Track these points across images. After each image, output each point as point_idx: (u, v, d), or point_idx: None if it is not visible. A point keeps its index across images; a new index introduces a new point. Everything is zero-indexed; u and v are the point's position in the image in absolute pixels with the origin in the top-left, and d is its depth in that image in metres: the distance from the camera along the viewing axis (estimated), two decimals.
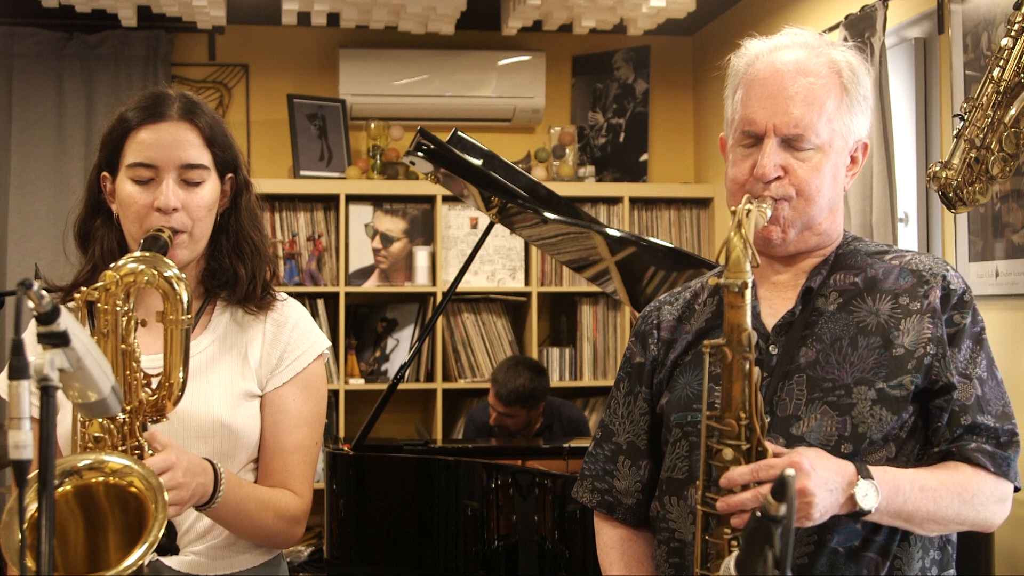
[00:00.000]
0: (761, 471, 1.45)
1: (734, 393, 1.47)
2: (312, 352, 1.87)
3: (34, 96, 5.21)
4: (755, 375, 1.47)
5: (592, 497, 1.83)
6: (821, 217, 1.65)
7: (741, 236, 1.47)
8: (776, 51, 1.67)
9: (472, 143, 3.28)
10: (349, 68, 5.33)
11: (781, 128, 1.61)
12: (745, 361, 1.46)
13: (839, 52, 1.67)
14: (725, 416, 1.48)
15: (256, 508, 1.77)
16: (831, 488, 1.46)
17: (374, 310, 5.39)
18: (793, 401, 1.61)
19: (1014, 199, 3.26)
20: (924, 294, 1.63)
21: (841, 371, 1.60)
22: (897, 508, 1.52)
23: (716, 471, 1.49)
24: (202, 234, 1.81)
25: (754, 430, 1.47)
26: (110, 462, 1.53)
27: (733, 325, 1.46)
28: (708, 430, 1.51)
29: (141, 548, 1.47)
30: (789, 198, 1.62)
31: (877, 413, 1.57)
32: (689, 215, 5.53)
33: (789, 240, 1.65)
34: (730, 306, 1.47)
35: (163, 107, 1.79)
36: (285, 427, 1.84)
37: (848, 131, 1.65)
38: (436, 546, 3.26)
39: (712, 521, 1.50)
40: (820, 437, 1.58)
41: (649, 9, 4.69)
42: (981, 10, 3.37)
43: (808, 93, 1.61)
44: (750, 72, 1.67)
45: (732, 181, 1.67)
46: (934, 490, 1.54)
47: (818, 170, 1.62)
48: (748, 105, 1.65)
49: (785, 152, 1.62)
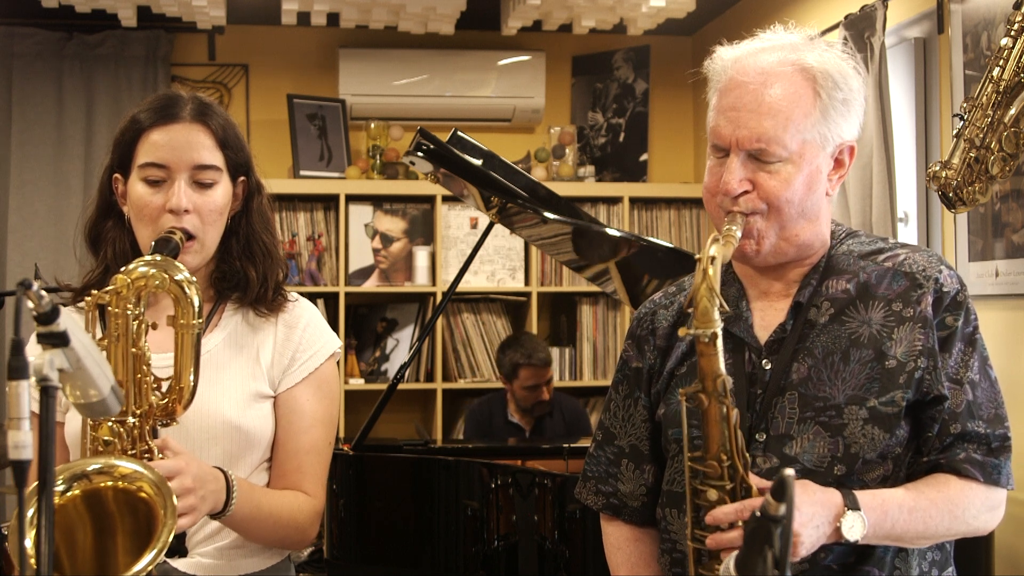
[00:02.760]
0: (746, 510, 1.45)
1: (713, 436, 1.47)
2: (324, 352, 1.87)
3: (34, 96, 5.21)
4: (733, 417, 1.47)
5: (597, 500, 1.82)
6: (796, 228, 1.61)
7: (707, 285, 1.45)
8: (743, 60, 1.61)
9: (472, 143, 3.28)
10: (349, 68, 5.33)
11: (743, 143, 1.57)
12: (723, 406, 1.46)
13: (815, 55, 1.60)
14: (707, 458, 1.48)
15: (269, 514, 1.77)
16: (817, 524, 1.47)
17: (374, 310, 5.39)
18: (785, 420, 1.60)
19: (1014, 199, 3.26)
20: (917, 299, 1.60)
21: (833, 388, 1.58)
22: (885, 532, 1.52)
23: (703, 509, 1.50)
24: (212, 239, 1.81)
25: (737, 470, 1.47)
26: (120, 466, 1.53)
27: (707, 372, 1.46)
28: (691, 471, 1.51)
29: (151, 553, 1.46)
30: (759, 211, 1.59)
31: (869, 432, 1.56)
32: (689, 215, 5.53)
33: (764, 252, 1.62)
34: (702, 355, 1.46)
35: (175, 108, 1.79)
36: (299, 427, 1.83)
37: (824, 138, 1.59)
38: (436, 546, 3.26)
39: (704, 555, 1.51)
40: (813, 459, 1.57)
41: (649, 9, 4.69)
42: (981, 10, 3.37)
43: (772, 105, 1.56)
44: (719, 82, 1.64)
45: (704, 190, 1.65)
46: (924, 510, 1.54)
47: (788, 182, 1.57)
48: (716, 117, 1.62)
49: (752, 165, 1.58)
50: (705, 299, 1.45)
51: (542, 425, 4.65)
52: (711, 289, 1.45)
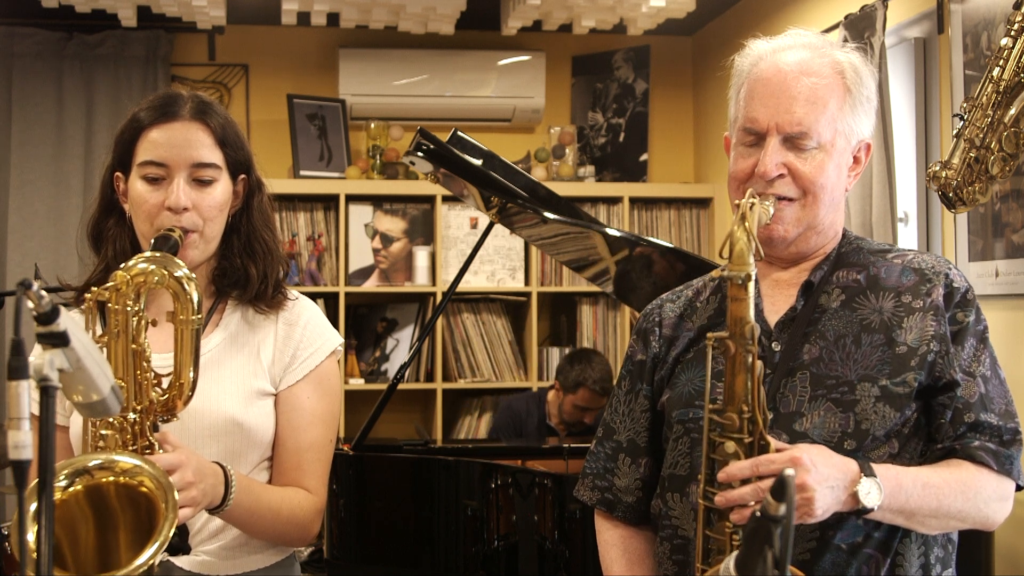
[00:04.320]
0: (761, 466, 1.44)
1: (737, 386, 1.47)
2: (325, 349, 1.88)
3: (34, 96, 5.21)
4: (758, 368, 1.47)
5: (592, 495, 1.83)
6: (824, 216, 1.66)
7: (745, 229, 1.47)
8: (780, 51, 1.67)
9: (472, 143, 3.28)
10: (349, 68, 5.33)
11: (783, 127, 1.62)
12: (748, 354, 1.46)
13: (843, 53, 1.68)
14: (727, 410, 1.48)
15: (269, 509, 1.77)
16: (832, 485, 1.46)
17: (374, 310, 5.39)
18: (796, 398, 1.61)
19: (1014, 199, 3.26)
20: (927, 292, 1.63)
21: (844, 368, 1.60)
22: (900, 505, 1.52)
23: (718, 465, 1.49)
24: (213, 234, 1.81)
25: (756, 423, 1.47)
26: (120, 461, 1.54)
27: (736, 318, 1.46)
28: (710, 423, 1.50)
29: (152, 547, 1.47)
30: (793, 197, 1.63)
31: (880, 410, 1.57)
32: (689, 215, 5.53)
33: (791, 238, 1.65)
34: (733, 299, 1.47)
35: (175, 107, 1.80)
36: (299, 425, 1.84)
37: (851, 131, 1.66)
38: (436, 546, 3.26)
39: (713, 516, 1.50)
40: (823, 434, 1.58)
41: (649, 9, 4.69)
42: (981, 10, 3.37)
43: (811, 93, 1.62)
44: (754, 72, 1.68)
45: (733, 178, 1.68)
46: (937, 487, 1.54)
47: (822, 168, 1.63)
48: (751, 104, 1.65)
49: (787, 151, 1.62)
50: (742, 242, 1.46)
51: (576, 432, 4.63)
52: (748, 231, 1.46)
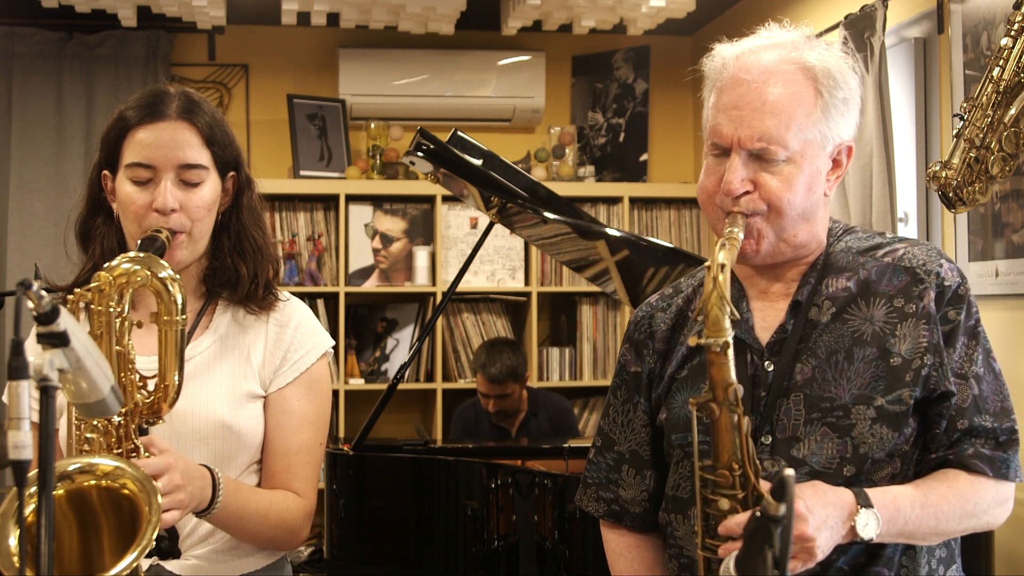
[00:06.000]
0: None
1: (725, 445, 1.44)
2: (316, 352, 1.86)
3: (34, 96, 5.21)
4: (744, 426, 1.44)
5: (598, 507, 1.80)
6: (795, 229, 1.59)
7: (718, 294, 1.43)
8: (744, 57, 1.59)
9: (472, 143, 3.28)
10: (349, 68, 5.33)
11: (745, 142, 1.55)
12: (733, 415, 1.44)
13: (816, 54, 1.58)
14: (718, 468, 1.45)
15: (257, 513, 1.76)
16: (831, 525, 1.45)
17: (374, 310, 5.39)
18: (792, 421, 1.58)
19: (1014, 199, 3.26)
20: (919, 295, 1.59)
21: (838, 388, 1.57)
22: (899, 529, 1.51)
23: (714, 518, 1.47)
24: (202, 234, 1.79)
25: (748, 479, 1.45)
26: (100, 464, 1.51)
27: (718, 381, 1.43)
28: (702, 480, 1.48)
29: (135, 551, 1.45)
30: (760, 212, 1.57)
31: (877, 432, 1.55)
32: (689, 215, 5.53)
33: (763, 252, 1.60)
34: (712, 364, 1.43)
35: (162, 106, 1.77)
36: (289, 428, 1.82)
37: (824, 137, 1.57)
38: (436, 546, 3.26)
39: (715, 565, 1.48)
40: (821, 460, 1.56)
41: (649, 9, 4.69)
42: (981, 10, 3.37)
43: (774, 104, 1.54)
44: (719, 80, 1.61)
45: (701, 190, 1.62)
46: (935, 505, 1.53)
47: (789, 183, 1.55)
48: (716, 116, 1.59)
49: (753, 165, 1.56)
50: (716, 307, 1.42)
51: (527, 426, 4.64)
52: (722, 297, 1.42)
